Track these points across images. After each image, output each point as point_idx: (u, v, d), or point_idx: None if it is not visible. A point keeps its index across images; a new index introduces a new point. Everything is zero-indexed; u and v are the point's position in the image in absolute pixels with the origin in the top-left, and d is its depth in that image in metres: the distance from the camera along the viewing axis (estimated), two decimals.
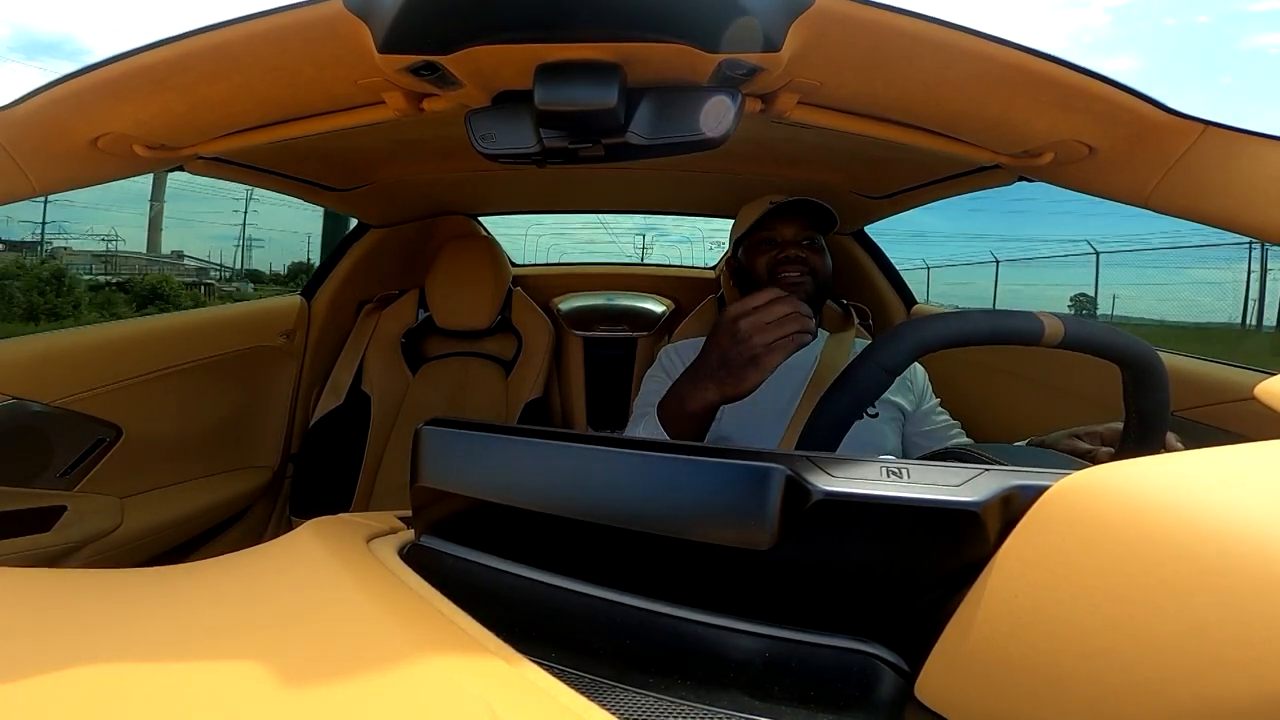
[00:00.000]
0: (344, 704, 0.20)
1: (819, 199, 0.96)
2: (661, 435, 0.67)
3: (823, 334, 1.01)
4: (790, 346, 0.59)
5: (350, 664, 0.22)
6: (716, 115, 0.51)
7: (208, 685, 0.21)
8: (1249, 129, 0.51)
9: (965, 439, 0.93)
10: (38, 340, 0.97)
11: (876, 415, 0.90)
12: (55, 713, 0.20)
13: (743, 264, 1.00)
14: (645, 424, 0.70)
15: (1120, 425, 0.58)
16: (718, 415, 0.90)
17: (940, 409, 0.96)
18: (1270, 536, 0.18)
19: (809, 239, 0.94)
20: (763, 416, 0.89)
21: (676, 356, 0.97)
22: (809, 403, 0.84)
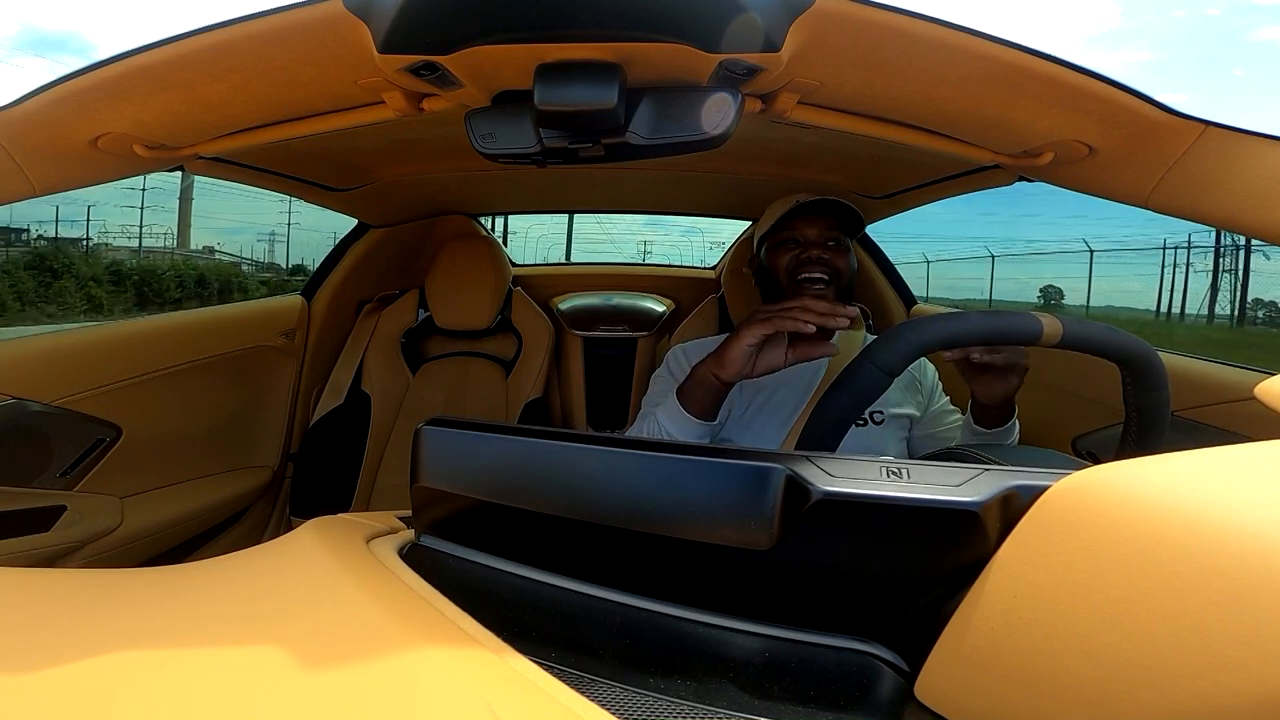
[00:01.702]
0: (344, 703, 0.20)
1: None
2: (675, 407, 0.74)
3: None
4: (774, 324, 0.66)
5: (350, 664, 0.22)
6: (716, 115, 0.51)
7: (208, 685, 0.21)
8: (1249, 129, 0.51)
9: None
10: (38, 340, 0.97)
11: (882, 421, 0.89)
12: (55, 712, 0.20)
13: (764, 263, 0.97)
14: (664, 407, 0.77)
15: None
16: (724, 420, 0.90)
17: (951, 408, 0.95)
18: (1270, 536, 0.18)
19: (834, 240, 0.92)
20: (770, 418, 0.89)
21: (684, 357, 0.97)
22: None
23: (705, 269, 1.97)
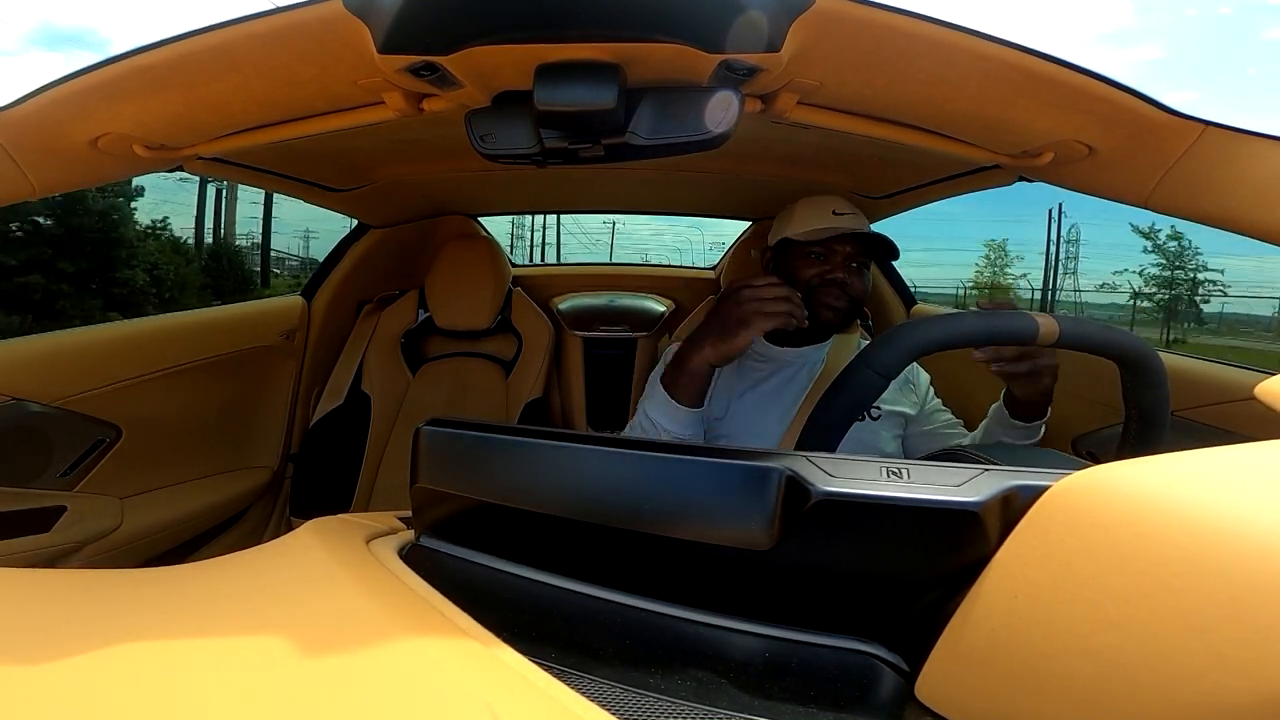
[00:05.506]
0: (344, 704, 0.20)
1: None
2: (665, 399, 0.75)
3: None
4: (779, 320, 0.71)
5: (350, 664, 0.22)
6: (716, 115, 0.51)
7: (207, 685, 0.21)
8: (1249, 129, 0.51)
9: (969, 437, 0.93)
10: (39, 340, 0.97)
11: (879, 418, 0.90)
12: (55, 712, 0.20)
13: (783, 263, 0.95)
14: (651, 397, 0.77)
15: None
16: (722, 415, 0.90)
17: (943, 409, 0.96)
18: (1270, 536, 0.18)
19: (858, 262, 0.91)
20: (766, 417, 0.89)
21: None
22: (811, 404, 0.84)
23: (705, 269, 1.97)
